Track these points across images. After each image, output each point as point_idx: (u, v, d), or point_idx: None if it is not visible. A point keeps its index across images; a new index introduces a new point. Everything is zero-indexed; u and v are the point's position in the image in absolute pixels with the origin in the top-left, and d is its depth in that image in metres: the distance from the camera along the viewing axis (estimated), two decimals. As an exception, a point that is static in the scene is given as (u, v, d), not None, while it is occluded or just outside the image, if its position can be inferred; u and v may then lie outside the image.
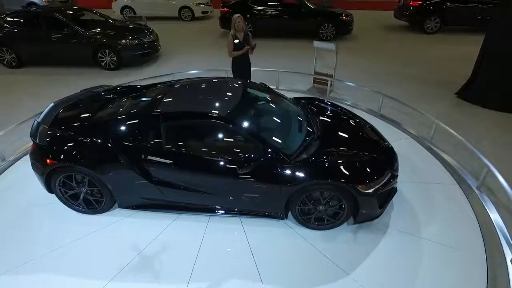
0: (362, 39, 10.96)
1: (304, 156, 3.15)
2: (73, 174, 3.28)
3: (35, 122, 3.44)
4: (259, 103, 3.77)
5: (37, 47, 7.99)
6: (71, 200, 3.45)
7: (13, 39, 7.92)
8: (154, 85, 4.26)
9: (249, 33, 5.10)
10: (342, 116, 4.06)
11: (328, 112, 4.14)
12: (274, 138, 3.23)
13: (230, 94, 3.55)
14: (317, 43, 6.38)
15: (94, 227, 3.34)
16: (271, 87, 6.88)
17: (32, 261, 2.99)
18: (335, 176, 3.02)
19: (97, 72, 7.98)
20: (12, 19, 7.96)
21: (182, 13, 13.92)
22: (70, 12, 8.43)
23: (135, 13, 13.97)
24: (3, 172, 4.24)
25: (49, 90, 6.89)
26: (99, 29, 7.99)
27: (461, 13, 10.79)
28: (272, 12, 10.59)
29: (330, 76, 6.44)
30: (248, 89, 3.75)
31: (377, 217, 3.30)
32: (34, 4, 13.79)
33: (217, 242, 3.21)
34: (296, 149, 3.19)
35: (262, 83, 4.51)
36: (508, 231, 3.30)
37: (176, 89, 3.66)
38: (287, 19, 10.54)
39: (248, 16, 10.59)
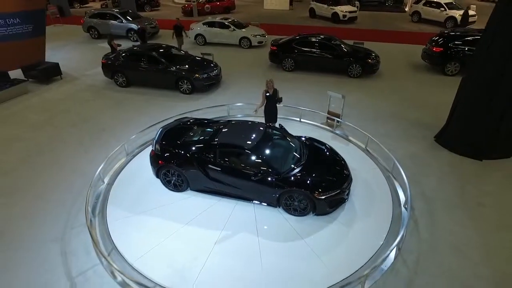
0: (385, 77, 12.91)
1: (290, 173, 5.82)
2: (170, 170, 6.34)
3: (154, 140, 6.58)
4: (272, 141, 6.49)
5: (139, 74, 11.67)
6: (167, 183, 6.52)
7: (124, 68, 11.68)
8: (215, 121, 7.23)
9: (277, 89, 7.81)
10: (325, 152, 6.61)
11: (317, 148, 6.70)
12: (276, 162, 5.95)
13: (256, 134, 6.30)
14: (330, 92, 8.86)
15: (178, 198, 6.38)
16: (295, 119, 9.51)
17: (152, 210, 6.09)
18: (303, 187, 5.64)
19: (177, 95, 11.35)
20: (124, 54, 11.72)
21: (242, 42, 17.11)
22: (162, 50, 11.96)
23: (205, 40, 17.54)
24: (128, 163, 7.55)
25: (147, 108, 10.37)
26: (180, 65, 11.32)
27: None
28: (311, 53, 13.12)
29: (338, 115, 8.87)
30: (267, 131, 6.50)
31: (329, 213, 5.84)
32: (132, 30, 18.02)
33: (239, 215, 6.01)
34: (286, 170, 5.87)
35: (280, 124, 7.24)
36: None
37: (227, 127, 6.53)
38: (323, 58, 13.00)
39: (292, 54, 13.33)
